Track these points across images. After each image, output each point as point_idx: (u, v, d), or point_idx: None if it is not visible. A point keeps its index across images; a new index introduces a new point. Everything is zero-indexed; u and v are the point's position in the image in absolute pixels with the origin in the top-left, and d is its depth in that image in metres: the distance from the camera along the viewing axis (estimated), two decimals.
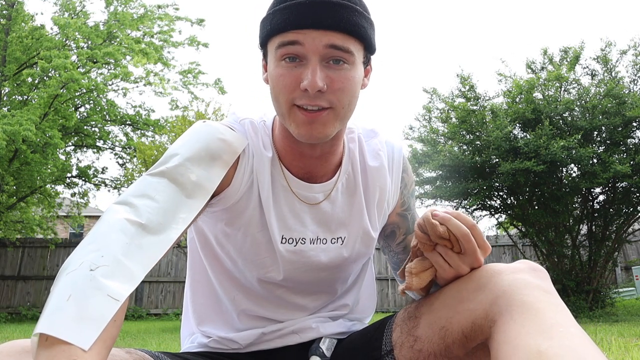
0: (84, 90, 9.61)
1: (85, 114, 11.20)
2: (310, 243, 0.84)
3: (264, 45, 0.78)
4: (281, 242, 0.82)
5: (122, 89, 11.20)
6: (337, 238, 0.86)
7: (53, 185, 10.75)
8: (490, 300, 0.64)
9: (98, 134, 11.32)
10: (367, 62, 0.80)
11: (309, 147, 0.80)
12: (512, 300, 0.62)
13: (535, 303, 0.60)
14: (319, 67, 0.70)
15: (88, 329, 0.51)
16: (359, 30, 0.73)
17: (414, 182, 0.98)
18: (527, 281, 0.64)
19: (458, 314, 0.69)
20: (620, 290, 8.43)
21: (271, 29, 0.73)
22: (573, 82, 6.21)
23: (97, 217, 20.83)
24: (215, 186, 0.75)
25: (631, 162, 5.48)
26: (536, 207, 6.40)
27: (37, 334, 0.51)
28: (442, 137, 6.72)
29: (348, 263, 0.88)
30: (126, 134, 11.55)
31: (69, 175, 10.74)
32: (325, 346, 0.84)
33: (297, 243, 0.83)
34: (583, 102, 5.97)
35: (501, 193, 6.73)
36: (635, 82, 6.11)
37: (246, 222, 0.82)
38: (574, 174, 6.15)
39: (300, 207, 0.84)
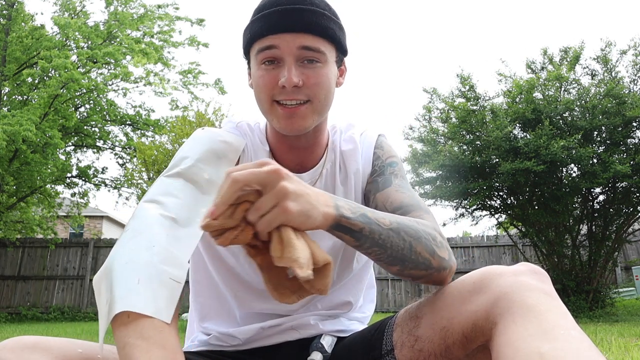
0: (84, 90, 9.62)
1: (85, 114, 11.22)
2: None
3: (247, 52, 0.86)
4: None
5: (122, 89, 11.22)
6: None
7: (53, 185, 10.76)
8: (492, 301, 0.65)
9: (98, 134, 11.34)
10: (340, 62, 0.87)
11: (295, 139, 0.87)
12: (513, 302, 0.62)
13: (536, 305, 0.60)
14: (294, 66, 0.78)
15: (164, 306, 0.57)
16: (328, 32, 0.81)
17: (395, 157, 0.96)
18: (529, 283, 0.64)
19: (459, 314, 0.69)
20: (620, 290, 8.43)
21: (251, 36, 0.82)
22: (573, 82, 6.22)
23: (97, 217, 20.82)
24: None
25: (631, 162, 5.48)
26: (536, 207, 6.40)
27: (114, 315, 0.55)
28: (442, 137, 6.73)
29: (336, 245, 0.90)
30: (126, 134, 11.56)
31: (69, 175, 10.75)
32: (326, 342, 0.85)
33: None
34: (583, 102, 5.98)
35: (501, 193, 6.73)
36: (635, 82, 6.11)
37: None
38: (574, 174, 6.15)
39: None
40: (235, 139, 0.89)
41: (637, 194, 6.05)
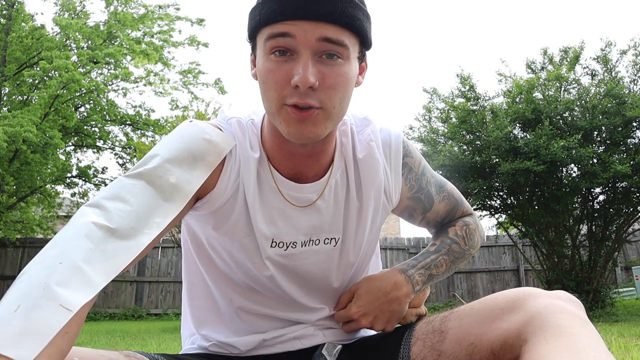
0: (85, 91, 9.61)
1: (85, 114, 11.21)
2: (302, 246, 0.82)
3: (252, 37, 0.74)
4: (271, 246, 0.80)
5: (122, 89, 11.22)
6: (331, 239, 0.83)
7: (53, 185, 10.75)
8: (525, 320, 0.65)
9: (98, 134, 11.33)
10: (362, 58, 0.75)
11: (299, 145, 0.76)
12: (547, 322, 0.62)
13: (569, 327, 0.60)
14: (311, 62, 0.66)
15: (32, 342, 0.47)
16: (355, 23, 0.68)
17: (422, 160, 0.94)
18: (564, 307, 0.64)
19: (490, 331, 0.69)
20: (620, 290, 8.43)
21: (260, 19, 0.69)
22: (573, 82, 6.21)
23: None
24: (196, 189, 0.71)
25: (631, 162, 5.47)
26: (536, 207, 6.39)
27: None
28: (442, 137, 6.72)
29: (341, 264, 0.86)
30: (126, 134, 11.56)
31: (69, 175, 10.74)
32: (328, 352, 0.82)
33: (287, 247, 0.81)
34: (583, 102, 5.97)
35: (501, 193, 6.73)
36: (635, 82, 6.10)
37: (232, 227, 0.79)
38: (574, 174, 6.15)
39: (292, 210, 0.80)
40: (223, 138, 0.76)
41: (637, 194, 6.04)
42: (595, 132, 5.98)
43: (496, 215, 7.14)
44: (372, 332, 0.95)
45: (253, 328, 0.85)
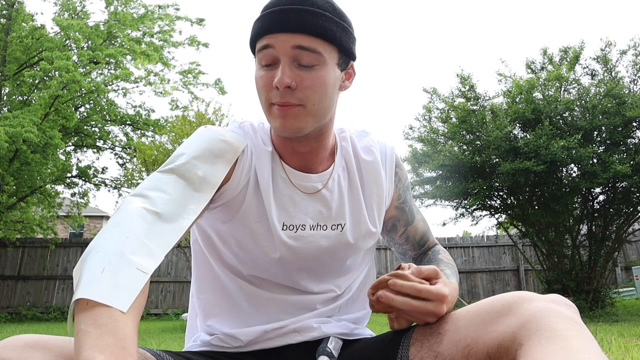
0: (85, 91, 9.62)
1: (85, 114, 11.22)
2: (311, 229, 0.89)
3: (253, 52, 0.87)
4: (282, 229, 0.87)
5: (122, 89, 11.23)
6: (337, 225, 0.91)
7: (53, 185, 10.76)
8: (520, 323, 0.65)
9: (98, 134, 11.35)
10: (344, 66, 0.85)
11: (297, 142, 0.88)
12: (541, 325, 0.63)
13: (564, 331, 0.61)
14: (288, 67, 0.78)
15: (124, 295, 0.59)
16: (326, 33, 0.79)
17: (408, 176, 1.07)
18: (559, 310, 0.65)
19: (485, 334, 0.70)
20: (620, 290, 8.44)
21: (252, 36, 0.84)
22: (573, 82, 6.21)
23: (98, 217, 20.81)
24: (220, 180, 0.82)
25: (631, 162, 5.48)
26: (536, 207, 6.40)
27: (75, 301, 0.57)
28: (442, 137, 6.72)
29: (348, 250, 0.92)
30: (126, 134, 11.57)
31: (69, 175, 10.75)
32: (333, 346, 0.84)
33: (297, 229, 0.88)
34: (583, 102, 5.98)
35: (501, 193, 6.73)
36: (635, 82, 6.11)
37: (243, 215, 0.87)
38: (574, 174, 6.15)
39: (300, 197, 0.90)
40: (237, 139, 0.88)
41: (637, 194, 6.05)
42: (595, 132, 5.99)
43: (496, 215, 7.15)
44: (370, 333, 0.96)
45: (258, 316, 0.88)
